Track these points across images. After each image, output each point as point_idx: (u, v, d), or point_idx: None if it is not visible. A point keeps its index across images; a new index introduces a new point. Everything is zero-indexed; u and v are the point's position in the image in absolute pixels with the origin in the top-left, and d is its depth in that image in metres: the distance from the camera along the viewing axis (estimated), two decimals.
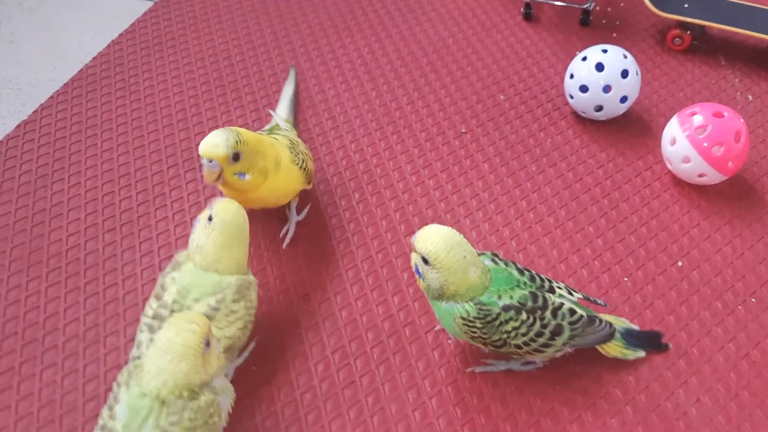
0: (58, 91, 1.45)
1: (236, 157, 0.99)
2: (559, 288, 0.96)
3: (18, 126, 1.37)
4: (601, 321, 0.96)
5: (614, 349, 0.99)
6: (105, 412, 0.79)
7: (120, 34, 1.59)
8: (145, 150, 1.32)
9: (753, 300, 1.10)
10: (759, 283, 1.12)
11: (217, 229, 0.90)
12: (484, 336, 0.92)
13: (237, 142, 0.98)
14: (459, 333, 0.93)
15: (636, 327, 1.03)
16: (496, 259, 0.95)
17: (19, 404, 0.97)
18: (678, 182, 1.28)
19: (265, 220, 1.20)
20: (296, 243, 1.17)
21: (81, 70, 1.50)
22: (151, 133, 1.36)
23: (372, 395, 0.99)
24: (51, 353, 1.02)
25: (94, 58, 1.53)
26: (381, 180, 1.28)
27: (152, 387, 0.77)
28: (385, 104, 1.43)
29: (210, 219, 0.91)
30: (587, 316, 0.95)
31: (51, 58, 1.55)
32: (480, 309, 0.89)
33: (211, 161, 0.98)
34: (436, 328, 1.06)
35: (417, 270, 0.90)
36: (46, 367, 1.01)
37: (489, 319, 0.90)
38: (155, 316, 0.89)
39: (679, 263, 1.15)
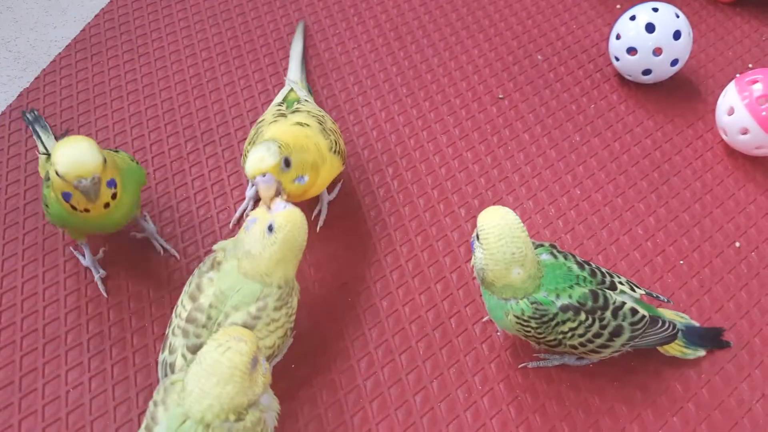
0: (60, 54, 1.34)
1: (287, 162, 0.90)
2: (621, 284, 0.89)
3: (21, 94, 1.27)
4: (664, 322, 0.90)
5: (674, 348, 0.93)
6: None
7: None
8: (159, 121, 1.23)
9: None
10: None
11: (278, 244, 0.82)
12: (539, 336, 0.86)
13: (280, 147, 0.89)
14: (510, 328, 0.87)
15: (696, 324, 0.97)
16: (555, 252, 0.88)
17: (45, 409, 0.91)
18: (731, 152, 1.20)
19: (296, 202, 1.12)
20: (330, 225, 1.10)
21: (84, 30, 1.39)
22: (165, 101, 1.26)
23: (420, 394, 0.93)
24: (75, 351, 0.96)
25: (96, 16, 1.41)
26: (415, 153, 1.19)
27: (195, 411, 0.70)
28: (415, 66, 1.33)
29: (270, 229, 0.83)
30: (650, 316, 0.88)
31: (50, 16, 1.44)
32: (536, 309, 0.83)
33: (264, 175, 0.88)
34: (484, 319, 1.00)
35: (472, 242, 0.86)
36: (71, 368, 0.94)
37: (545, 319, 0.84)
38: (190, 320, 0.82)
39: (737, 243, 1.09)
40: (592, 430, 0.90)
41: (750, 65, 1.34)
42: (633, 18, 1.23)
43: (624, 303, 0.86)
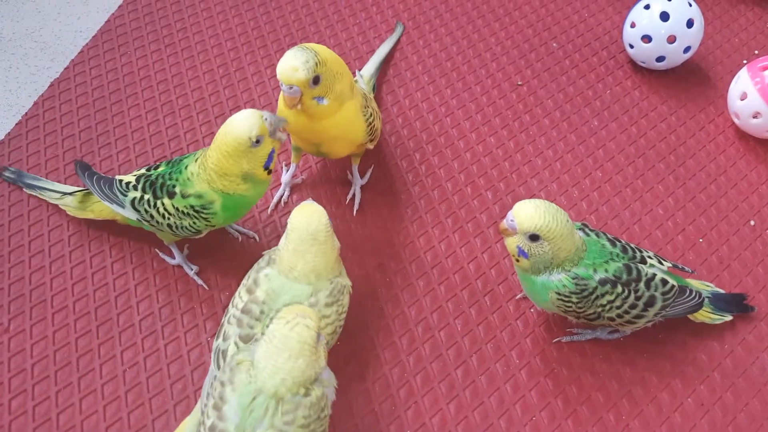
0: (87, 44, 1.37)
1: (316, 80, 0.92)
2: (650, 258, 0.94)
3: (52, 85, 1.29)
4: (691, 291, 0.95)
5: (703, 314, 0.99)
6: (211, 412, 0.76)
7: None
8: (191, 110, 1.26)
9: None
10: None
11: (290, 236, 0.86)
12: (579, 310, 0.90)
13: (317, 64, 0.91)
14: (551, 306, 0.92)
15: (721, 291, 1.03)
16: (587, 230, 0.93)
17: (105, 387, 0.94)
18: (742, 136, 1.26)
19: (328, 186, 1.16)
20: (363, 209, 1.14)
21: (108, 21, 1.41)
22: (194, 91, 1.29)
23: (461, 368, 0.98)
24: (128, 332, 0.99)
25: (120, 7, 1.44)
26: (441, 139, 1.24)
27: (270, 386, 0.74)
28: (435, 54, 1.37)
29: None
30: (678, 286, 0.94)
31: (73, 6, 1.46)
32: (577, 283, 0.88)
33: (291, 87, 0.91)
34: (517, 297, 1.05)
35: (521, 251, 0.88)
36: (125, 348, 0.98)
37: (585, 293, 0.89)
38: (245, 311, 0.85)
39: (752, 222, 1.14)
40: (626, 399, 0.96)
41: (756, 51, 1.40)
42: (647, 7, 1.28)
43: (655, 275, 0.92)
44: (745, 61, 1.36)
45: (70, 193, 1.07)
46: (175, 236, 0.99)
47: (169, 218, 0.94)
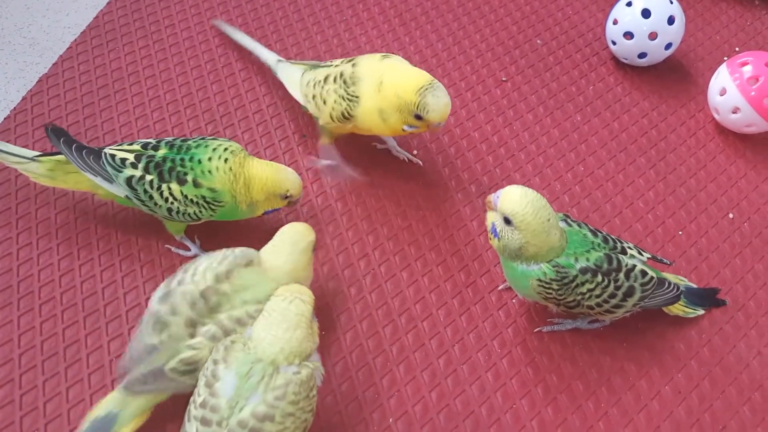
0: (76, 40, 1.38)
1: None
2: (630, 249, 0.96)
3: (40, 80, 1.30)
4: (669, 283, 0.97)
5: (677, 308, 1.01)
6: (203, 390, 0.78)
7: None
8: (179, 105, 1.27)
9: None
10: None
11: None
12: (559, 297, 0.92)
13: None
14: (532, 294, 0.94)
15: (694, 285, 1.05)
16: (569, 221, 0.95)
17: (91, 377, 0.96)
18: (722, 131, 1.28)
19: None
20: (346, 203, 1.15)
21: (97, 17, 1.42)
22: (182, 86, 1.30)
23: (443, 357, 0.99)
24: (115, 323, 1.00)
25: (108, 3, 1.45)
26: (425, 134, 1.25)
27: (268, 354, 0.78)
28: (420, 51, 1.39)
29: None
30: (657, 278, 0.96)
31: (62, 3, 1.47)
32: (558, 271, 0.90)
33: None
34: (499, 288, 1.06)
35: (494, 230, 0.90)
36: (112, 338, 0.99)
37: (566, 281, 0.90)
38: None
39: (730, 215, 1.16)
40: (605, 387, 0.98)
41: (737, 48, 1.42)
42: (629, 4, 1.30)
43: (635, 266, 0.94)
44: (725, 58, 1.38)
45: (34, 159, 1.01)
46: (168, 218, 1.01)
47: (172, 203, 0.97)
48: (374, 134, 1.15)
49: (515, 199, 0.87)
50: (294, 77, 1.18)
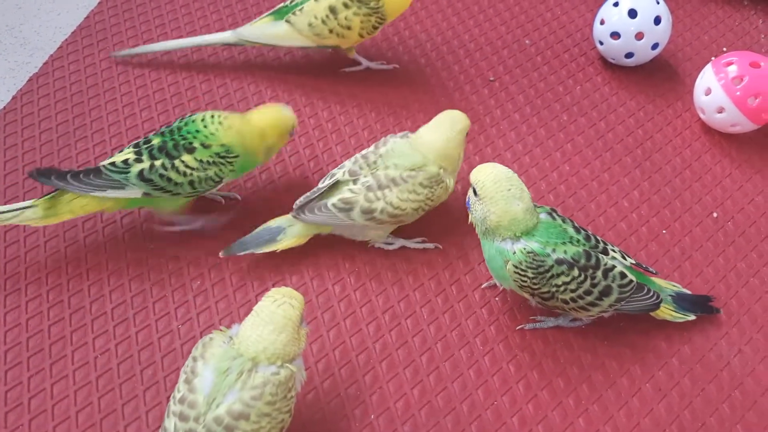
0: (66, 40, 1.39)
1: None
2: (614, 251, 0.97)
3: (30, 79, 1.32)
4: (649, 290, 0.97)
5: (664, 312, 1.01)
6: (182, 386, 0.79)
7: None
8: (167, 104, 1.28)
9: None
10: None
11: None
12: (534, 286, 0.93)
13: None
14: (507, 279, 0.95)
15: (687, 291, 1.05)
16: (554, 215, 0.96)
17: (76, 373, 0.96)
18: (708, 130, 1.29)
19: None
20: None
21: (88, 17, 1.43)
22: (171, 86, 1.31)
23: (426, 354, 1.00)
24: (100, 320, 1.01)
25: (99, 3, 1.46)
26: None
27: (251, 351, 0.79)
28: (410, 51, 1.39)
29: None
30: (637, 282, 0.96)
31: (53, 2, 1.48)
32: (534, 259, 0.91)
33: None
34: (482, 286, 1.07)
35: (468, 203, 0.95)
36: (97, 335, 1.00)
37: (541, 270, 0.91)
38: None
39: (714, 214, 1.17)
40: (585, 384, 0.98)
41: (724, 49, 1.43)
42: (616, 4, 1.30)
43: (614, 266, 0.94)
44: (713, 58, 1.39)
45: (28, 207, 1.01)
46: (189, 196, 1.04)
47: (191, 174, 1.01)
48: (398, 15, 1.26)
49: (481, 170, 0.94)
50: (279, 31, 1.24)
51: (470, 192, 0.95)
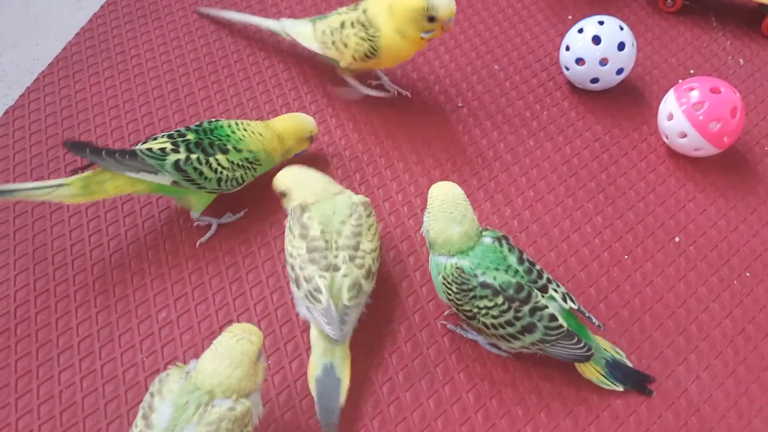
0: (43, 72, 1.41)
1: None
2: (555, 291, 0.96)
3: (6, 112, 1.34)
4: (580, 341, 0.96)
5: (591, 372, 1.00)
6: (140, 422, 0.81)
7: (102, 6, 1.54)
8: (140, 135, 1.30)
9: (747, 274, 1.14)
10: (753, 257, 1.16)
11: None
12: (457, 301, 0.96)
13: None
14: (439, 288, 0.99)
15: (628, 363, 1.02)
16: (502, 242, 0.97)
17: (41, 408, 0.98)
18: (673, 154, 1.30)
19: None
20: None
21: (65, 48, 1.46)
22: (145, 116, 1.34)
23: (387, 384, 1.02)
24: (67, 353, 1.03)
25: (77, 34, 1.48)
26: (381, 160, 1.28)
27: (207, 384, 0.81)
28: (377, 76, 1.41)
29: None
30: (567, 329, 0.95)
31: (32, 33, 1.50)
32: (459, 275, 0.94)
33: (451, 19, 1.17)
34: (445, 313, 1.09)
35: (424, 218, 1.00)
36: (63, 369, 1.02)
37: (464, 287, 0.94)
38: (311, 249, 0.99)
39: (677, 238, 1.18)
40: (544, 413, 1.00)
41: (692, 71, 1.44)
42: (581, 31, 1.32)
43: (546, 306, 0.94)
44: (680, 80, 1.41)
45: (61, 185, 1.02)
46: (213, 192, 1.13)
47: (221, 172, 1.09)
48: (395, 63, 1.29)
49: (438, 187, 0.99)
50: (305, 31, 1.31)
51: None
